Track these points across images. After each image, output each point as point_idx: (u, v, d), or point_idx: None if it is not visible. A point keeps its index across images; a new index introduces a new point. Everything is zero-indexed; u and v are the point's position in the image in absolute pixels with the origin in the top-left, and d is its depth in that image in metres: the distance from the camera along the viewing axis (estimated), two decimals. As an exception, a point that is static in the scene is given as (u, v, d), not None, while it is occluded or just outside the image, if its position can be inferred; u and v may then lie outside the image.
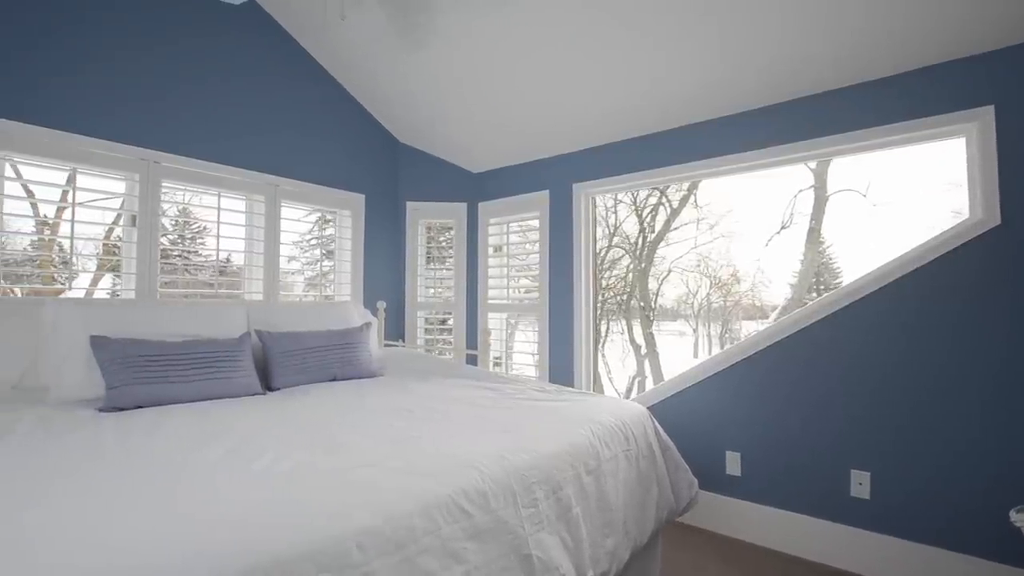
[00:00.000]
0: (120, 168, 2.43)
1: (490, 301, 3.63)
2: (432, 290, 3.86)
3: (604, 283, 7.42)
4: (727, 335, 7.58)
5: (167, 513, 0.91)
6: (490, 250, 3.68)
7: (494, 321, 3.66)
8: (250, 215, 2.94)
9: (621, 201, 7.20)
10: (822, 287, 6.85)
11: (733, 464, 2.47)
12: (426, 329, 3.80)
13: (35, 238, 3.67)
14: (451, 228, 3.82)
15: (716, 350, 7.60)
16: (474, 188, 3.77)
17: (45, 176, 2.41)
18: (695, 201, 7.20)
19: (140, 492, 1.01)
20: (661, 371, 7.31)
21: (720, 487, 2.50)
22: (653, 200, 7.26)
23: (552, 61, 2.63)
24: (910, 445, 2.06)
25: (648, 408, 2.05)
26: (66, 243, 3.24)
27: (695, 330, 7.91)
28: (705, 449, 2.53)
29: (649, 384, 7.26)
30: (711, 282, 7.63)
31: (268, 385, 2.21)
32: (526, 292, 3.67)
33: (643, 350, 7.42)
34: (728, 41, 2.23)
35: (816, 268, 6.79)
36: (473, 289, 3.67)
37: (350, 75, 3.29)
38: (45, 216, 4.10)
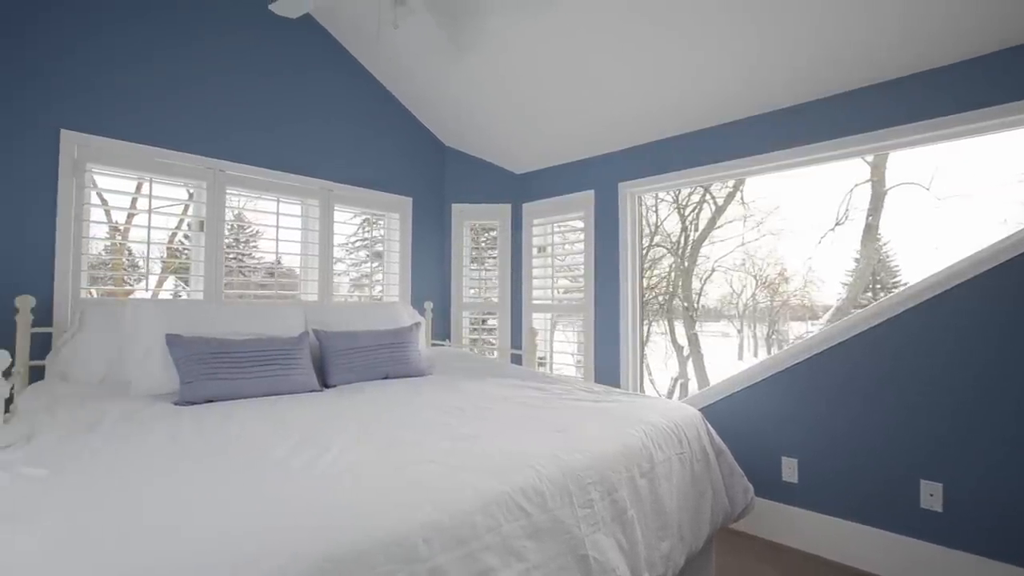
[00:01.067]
0: (189, 176, 2.59)
1: (534, 301, 3.64)
2: (473, 290, 3.90)
3: (645, 283, 7.29)
4: (774, 336, 7.30)
5: (251, 502, 0.97)
6: (534, 250, 3.69)
7: (537, 321, 3.67)
8: (305, 219, 3.06)
9: (663, 199, 7.06)
10: (879, 287, 6.49)
11: (789, 470, 2.38)
12: (471, 329, 3.86)
13: (108, 243, 3.97)
14: (491, 229, 3.86)
15: (762, 352, 7.34)
16: (518, 189, 3.79)
17: (119, 185, 2.60)
18: (741, 198, 6.97)
19: (225, 482, 1.08)
20: (706, 373, 7.12)
21: (775, 494, 2.41)
22: (696, 197, 7.08)
23: (595, 61, 2.62)
24: (989, 456, 1.93)
25: (699, 410, 2.01)
26: (134, 247, 3.52)
27: (740, 331, 7.66)
28: (759, 454, 2.46)
29: (692, 386, 7.08)
30: (757, 281, 7.38)
31: (324, 382, 2.30)
32: (569, 292, 3.66)
33: (685, 351, 7.25)
34: (777, 33, 2.15)
35: (873, 266, 6.43)
36: (517, 289, 3.70)
37: (398, 81, 3.38)
38: (116, 222, 4.42)
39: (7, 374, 1.75)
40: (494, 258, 3.85)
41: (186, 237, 4.33)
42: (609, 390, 2.23)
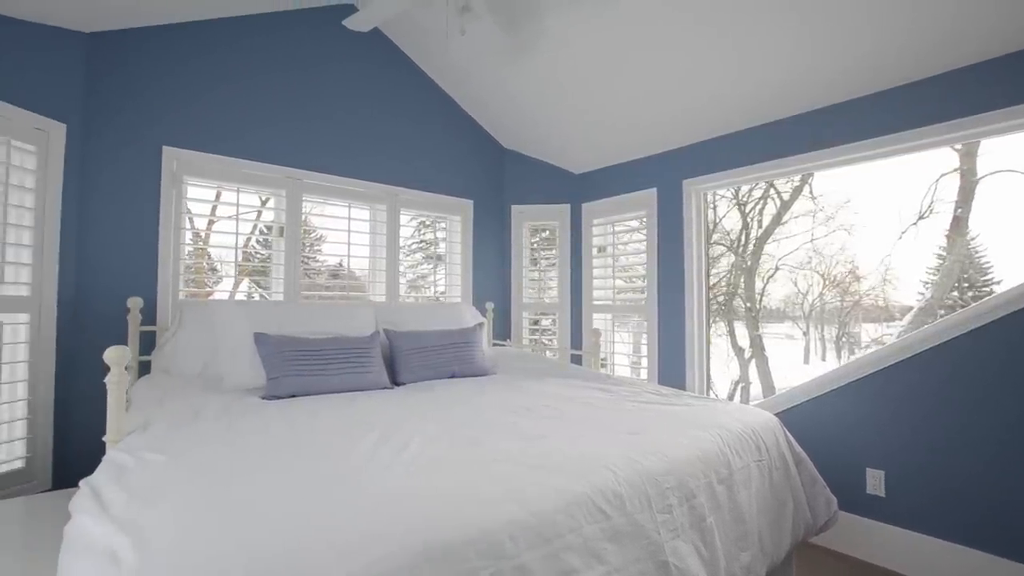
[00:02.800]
0: (270, 186, 2.77)
1: (594, 302, 3.61)
2: (530, 291, 3.92)
3: (706, 282, 7.00)
4: (844, 338, 6.84)
5: (349, 493, 1.03)
6: (594, 250, 3.66)
7: (597, 322, 3.63)
8: (373, 223, 3.19)
9: (721, 196, 6.78)
10: (967, 285, 5.93)
11: (875, 483, 2.23)
12: (531, 329, 3.88)
13: (191, 248, 4.31)
14: (543, 229, 3.87)
15: (831, 355, 6.89)
16: (577, 189, 3.78)
17: (203, 195, 2.81)
18: (810, 192, 6.58)
19: (320, 472, 1.15)
20: (770, 376, 6.78)
21: (859, 507, 2.27)
22: (757, 193, 6.75)
23: (656, 55, 2.56)
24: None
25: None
26: (213, 252, 3.80)
27: (805, 333, 7.23)
28: (841, 465, 2.31)
29: (754, 390, 6.76)
30: (825, 280, 6.94)
31: (394, 380, 2.39)
32: (628, 293, 3.60)
33: (747, 353, 6.93)
34: (849, 18, 2.01)
35: (962, 263, 5.88)
36: (577, 290, 3.68)
37: (459, 87, 3.46)
38: (197, 228, 4.79)
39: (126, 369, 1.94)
40: (547, 259, 3.85)
41: (258, 242, 4.62)
42: (679, 393, 2.18)
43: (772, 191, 6.66)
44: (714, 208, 6.97)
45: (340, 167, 3.00)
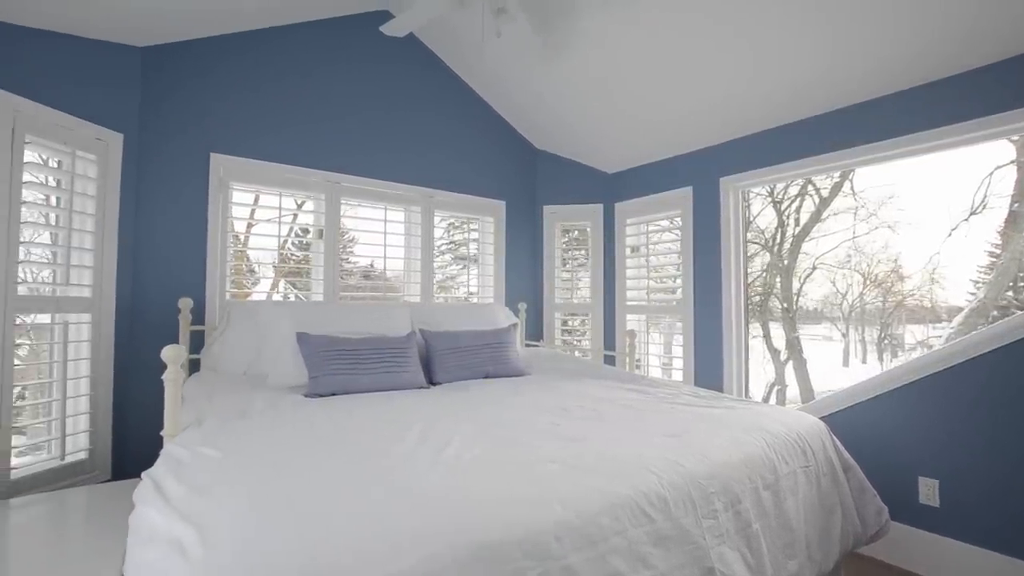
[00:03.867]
0: (311, 189, 2.85)
1: (628, 303, 3.57)
2: (562, 291, 3.91)
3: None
4: (887, 340, 6.54)
5: (395, 490, 1.05)
6: (627, 250, 3.62)
7: (631, 323, 3.59)
8: (408, 224, 3.25)
9: (757, 194, 6.59)
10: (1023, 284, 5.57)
11: (928, 492, 2.13)
12: (563, 330, 3.87)
13: (232, 250, 4.46)
14: (571, 230, 3.85)
15: (871, 357, 6.60)
16: (610, 189, 3.74)
17: (246, 199, 2.91)
18: (851, 188, 6.32)
19: (366, 469, 1.17)
20: (808, 379, 6.55)
21: (910, 517, 2.17)
22: (793, 190, 6.53)
23: (689, 51, 2.51)
24: None
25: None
26: (251, 254, 3.94)
27: (844, 334, 6.95)
28: (891, 473, 2.22)
29: (790, 394, 6.55)
30: (866, 280, 6.65)
31: (430, 379, 2.42)
32: (663, 293, 3.55)
33: (782, 355, 6.72)
34: (895, 8, 1.92)
35: (1019, 261, 5.54)
36: (610, 290, 3.65)
37: (492, 88, 3.48)
38: (237, 231, 4.97)
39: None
40: (575, 259, 3.83)
41: (294, 244, 4.76)
42: (718, 395, 2.13)
43: (810, 188, 6.43)
44: (748, 206, 6.78)
45: (377, 170, 3.06)
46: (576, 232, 3.90)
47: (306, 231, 3.43)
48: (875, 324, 6.65)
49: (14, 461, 1.93)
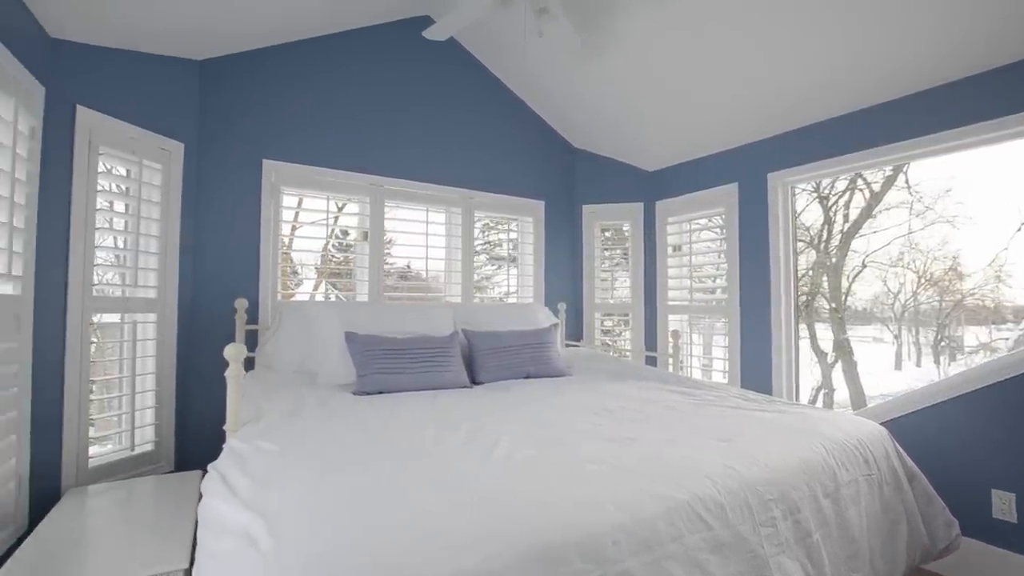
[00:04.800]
0: (356, 193, 2.93)
1: (669, 303, 3.50)
2: (602, 291, 3.87)
3: (785, 281, 6.57)
4: (944, 343, 6.14)
5: (451, 489, 1.06)
6: (669, 249, 3.55)
7: (672, 323, 3.52)
8: (449, 225, 3.29)
9: (802, 190, 6.31)
10: (1103, 282, 5.11)
11: (1004, 506, 1.99)
12: (603, 330, 3.83)
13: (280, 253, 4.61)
14: (607, 229, 3.80)
15: (927, 360, 6.21)
16: (650, 187, 3.68)
17: (293, 203, 3.01)
18: (906, 182, 5.97)
19: (420, 467, 1.20)
20: (859, 382, 6.24)
21: (984, 533, 2.03)
22: (841, 184, 6.22)
23: (732, 43, 2.43)
24: None
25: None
26: (295, 255, 4.07)
27: (896, 336, 6.57)
28: (960, 484, 2.09)
29: (840, 397, 6.24)
30: (920, 278, 6.26)
31: (472, 378, 2.44)
32: (702, 293, 3.46)
33: (829, 357, 6.41)
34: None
35: (1101, 256, 5.09)
36: (651, 289, 3.59)
37: (530, 88, 3.48)
38: (282, 234, 5.15)
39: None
40: (610, 258, 3.78)
41: (334, 246, 4.89)
42: (769, 398, 2.06)
43: (860, 182, 6.12)
44: (792, 201, 6.51)
45: (418, 172, 3.12)
46: (610, 232, 3.85)
47: (346, 233, 3.52)
48: (931, 325, 6.26)
49: (91, 451, 2.07)
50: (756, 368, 2.96)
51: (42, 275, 1.79)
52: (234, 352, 1.56)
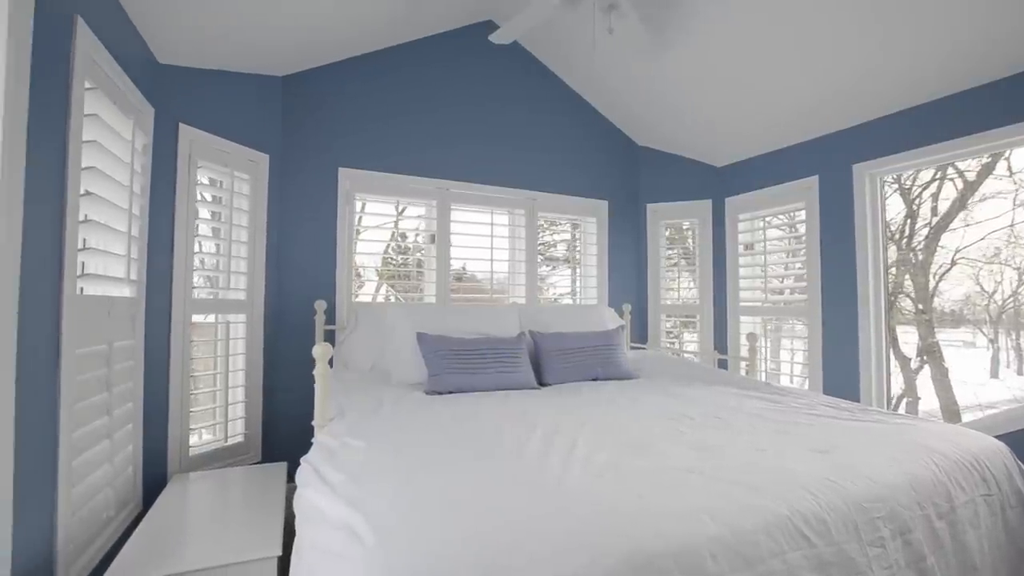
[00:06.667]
0: (423, 197, 3.01)
1: (742, 304, 3.34)
2: (671, 292, 3.75)
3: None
4: (1049, 347, 5.44)
5: (535, 494, 1.06)
6: (740, 248, 3.39)
7: (744, 325, 3.36)
8: (512, 227, 3.31)
9: (882, 180, 5.83)
10: None
11: None
12: (667, 332, 3.72)
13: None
14: (670, 228, 3.67)
15: None
16: (719, 183, 3.53)
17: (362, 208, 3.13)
18: (1008, 169, 5.37)
19: (500, 470, 1.20)
20: (951, 391, 5.68)
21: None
22: (925, 175, 5.68)
23: (814, 26, 2.27)
24: None
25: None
26: (358, 259, 4.23)
27: (993, 340, 5.91)
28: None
29: (927, 407, 5.70)
30: (1022, 276, 5.59)
31: (540, 380, 2.44)
32: (772, 293, 3.27)
33: (913, 363, 5.87)
34: None
35: None
36: (721, 290, 3.44)
37: (593, 87, 3.44)
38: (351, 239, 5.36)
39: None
40: (670, 258, 3.65)
41: (393, 249, 5.05)
42: (862, 407, 1.92)
43: (950, 171, 5.57)
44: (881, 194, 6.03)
45: (483, 175, 3.16)
46: (670, 231, 3.73)
47: (404, 236, 3.62)
48: (1032, 328, 5.60)
49: (190, 440, 2.25)
50: (840, 373, 2.77)
51: (151, 279, 1.97)
52: (321, 352, 1.64)
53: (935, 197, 5.87)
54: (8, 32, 1.04)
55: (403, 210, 3.24)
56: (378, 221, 3.43)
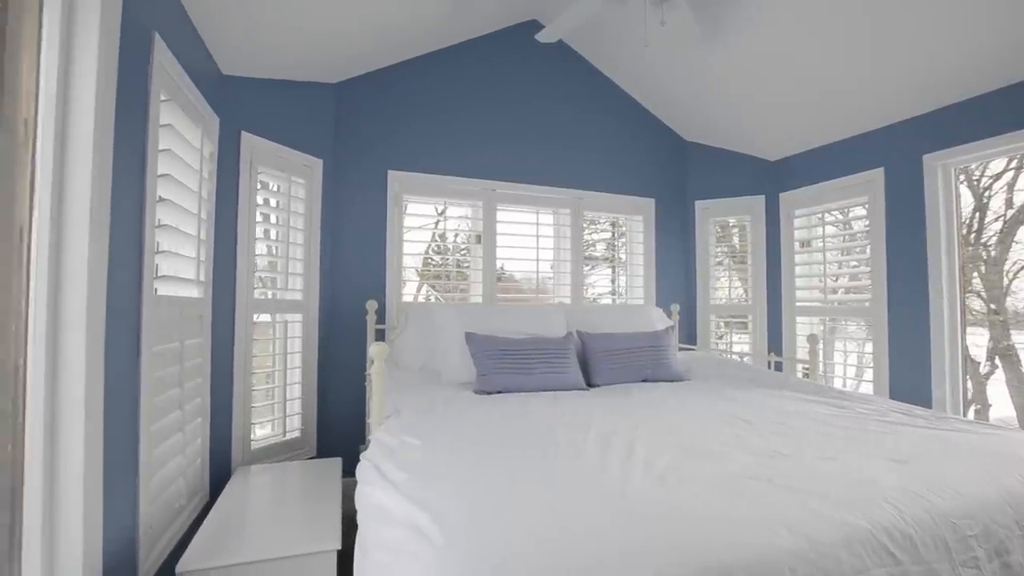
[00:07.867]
0: (470, 198, 3.03)
1: (798, 303, 3.20)
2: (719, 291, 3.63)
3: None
4: None
5: (600, 498, 1.04)
6: (796, 245, 3.25)
7: (801, 326, 3.21)
8: (558, 227, 3.29)
9: (952, 174, 5.41)
10: None
11: None
12: (717, 333, 3.61)
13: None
14: (718, 225, 3.54)
15: None
16: (773, 178, 3.39)
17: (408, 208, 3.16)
18: (1097, 154, 4.88)
19: (563, 473, 1.19)
20: (1028, 398, 5.23)
21: None
22: (997, 165, 5.24)
23: (879, 14, 2.13)
24: None
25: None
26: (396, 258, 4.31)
27: None
28: None
29: (1000, 414, 5.28)
30: None
31: (588, 381, 2.41)
32: (821, 291, 3.11)
33: (983, 367, 5.45)
34: None
35: None
36: (775, 289, 3.31)
37: (638, 83, 3.37)
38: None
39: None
40: (715, 257, 3.53)
41: (434, 250, 5.10)
42: (939, 415, 1.80)
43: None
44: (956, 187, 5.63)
45: (528, 175, 3.15)
46: (718, 228, 3.60)
47: (444, 237, 3.64)
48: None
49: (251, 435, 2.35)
50: (908, 378, 2.60)
51: (216, 280, 2.06)
52: (378, 351, 1.67)
53: (1010, 187, 5.45)
54: (98, 48, 1.11)
55: (443, 210, 3.27)
56: (420, 222, 3.47)
